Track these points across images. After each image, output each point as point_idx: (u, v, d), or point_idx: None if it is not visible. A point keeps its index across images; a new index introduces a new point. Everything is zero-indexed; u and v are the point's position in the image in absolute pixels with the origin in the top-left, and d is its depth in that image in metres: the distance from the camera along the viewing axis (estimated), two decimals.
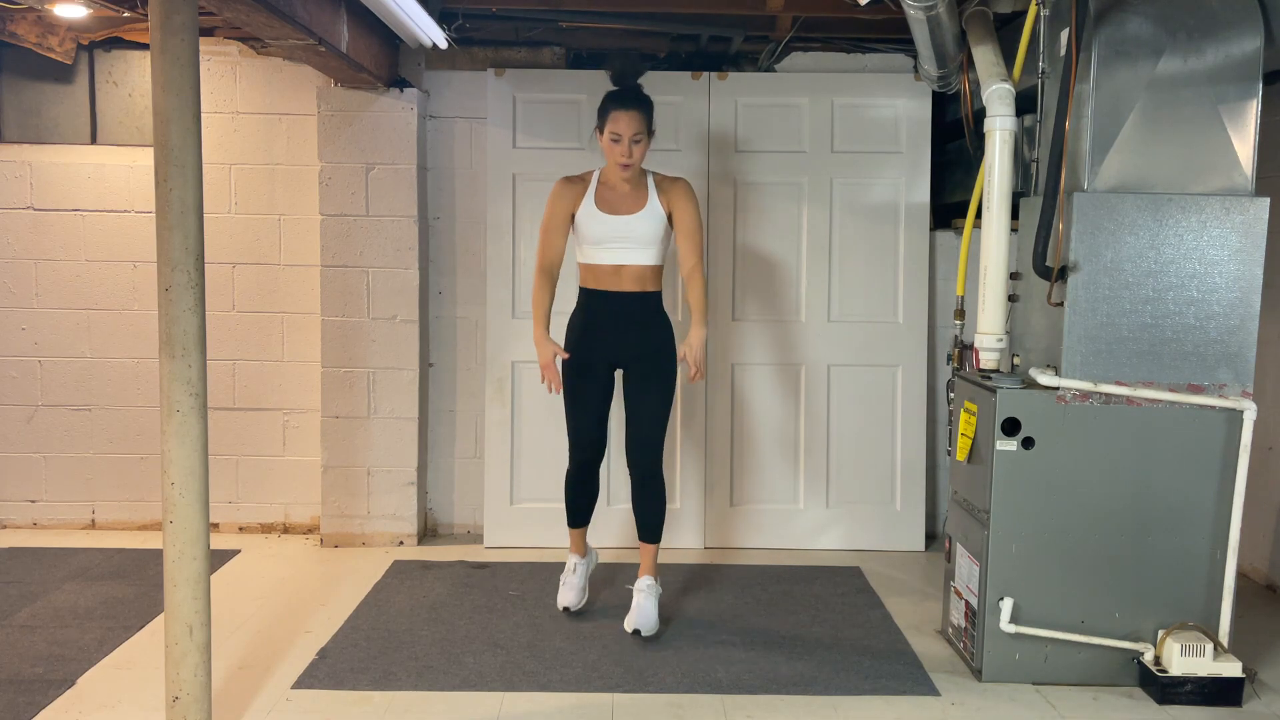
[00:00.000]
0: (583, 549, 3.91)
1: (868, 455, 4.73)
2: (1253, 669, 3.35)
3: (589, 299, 3.71)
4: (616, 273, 3.66)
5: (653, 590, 3.68)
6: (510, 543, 4.67)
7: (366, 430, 4.64)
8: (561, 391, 3.70)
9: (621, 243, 3.63)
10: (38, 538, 4.71)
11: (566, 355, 3.65)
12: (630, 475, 3.76)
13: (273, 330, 4.78)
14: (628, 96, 3.58)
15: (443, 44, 4.30)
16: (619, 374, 3.76)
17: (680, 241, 3.67)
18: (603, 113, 3.60)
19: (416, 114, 4.54)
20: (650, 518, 3.75)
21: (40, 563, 4.34)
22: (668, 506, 3.86)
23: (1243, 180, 3.20)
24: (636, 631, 3.56)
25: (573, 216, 3.66)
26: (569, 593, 3.81)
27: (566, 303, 3.79)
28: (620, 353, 3.69)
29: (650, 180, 3.69)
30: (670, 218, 3.66)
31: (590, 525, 3.94)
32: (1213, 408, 3.21)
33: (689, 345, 3.58)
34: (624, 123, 3.53)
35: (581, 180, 3.70)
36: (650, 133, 3.62)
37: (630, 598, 3.73)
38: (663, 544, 3.92)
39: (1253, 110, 3.17)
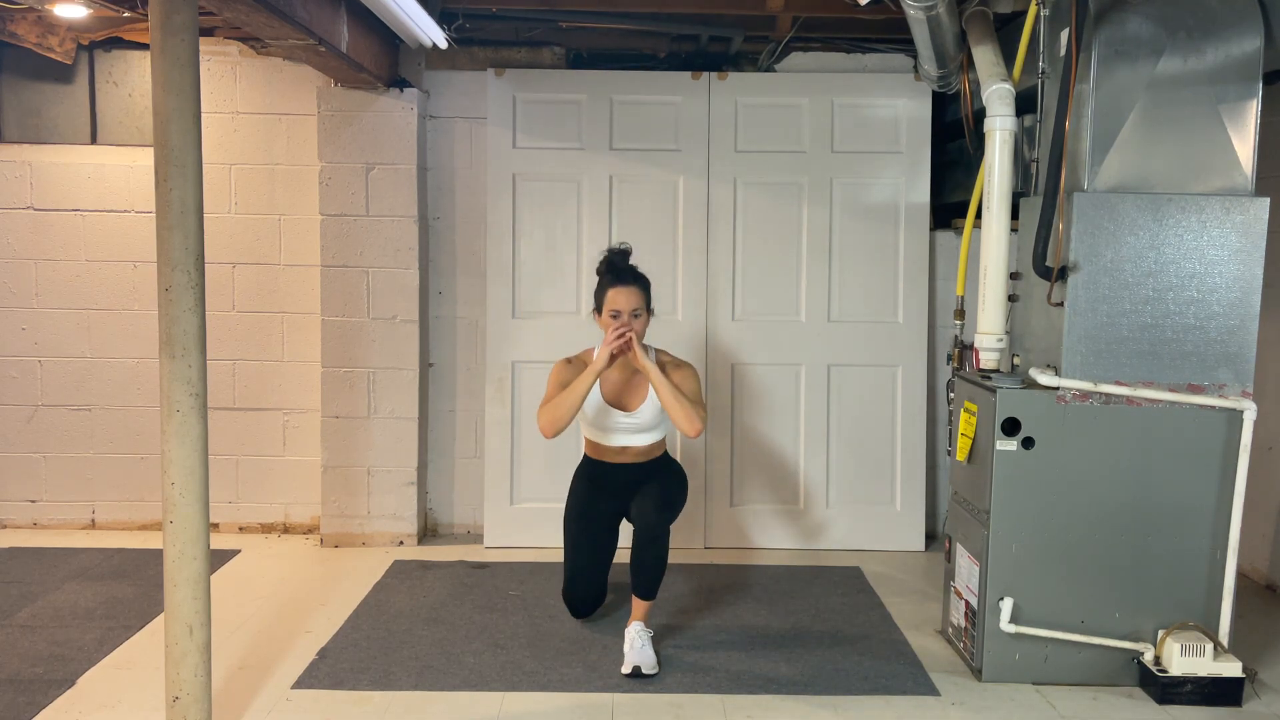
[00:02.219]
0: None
1: (868, 455, 4.73)
2: (1253, 669, 3.35)
3: (594, 468, 3.75)
4: (621, 451, 3.69)
5: (645, 633, 3.45)
6: (510, 543, 4.67)
7: (366, 430, 4.64)
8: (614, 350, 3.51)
9: (625, 432, 3.66)
10: (38, 538, 4.71)
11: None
12: (634, 533, 3.52)
13: (273, 330, 4.78)
14: (624, 274, 3.56)
15: (443, 44, 4.30)
16: (624, 519, 3.76)
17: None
18: (600, 293, 3.57)
19: (416, 114, 4.54)
20: (650, 577, 3.50)
21: (40, 563, 4.34)
22: None
23: (1243, 180, 3.20)
24: (636, 669, 3.32)
25: None
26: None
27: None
28: (627, 504, 3.69)
29: (653, 359, 3.59)
30: None
31: None
32: (1213, 408, 3.21)
33: (642, 357, 3.49)
34: (623, 299, 3.51)
35: (581, 360, 3.64)
36: (650, 310, 3.59)
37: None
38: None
39: (1253, 110, 3.17)
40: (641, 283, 3.58)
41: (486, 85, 4.62)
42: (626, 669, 3.33)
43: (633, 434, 3.67)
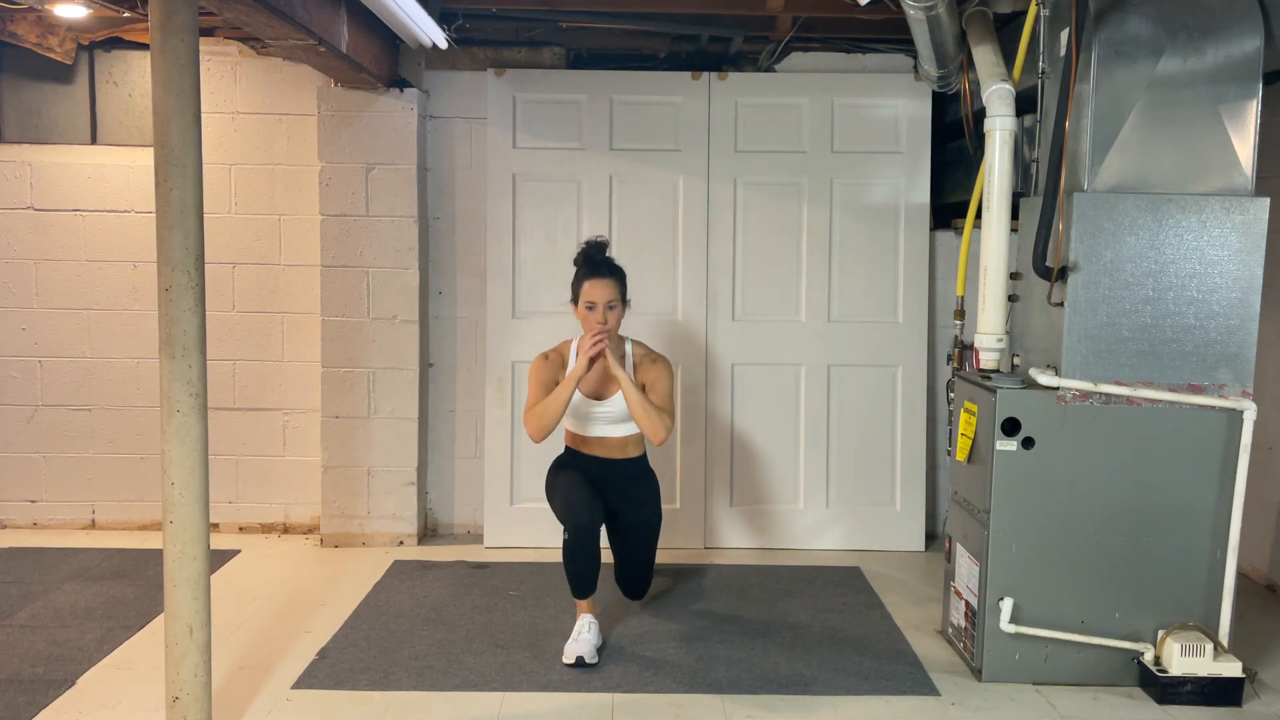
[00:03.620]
0: (593, 610, 3.58)
1: (868, 455, 4.73)
2: (1253, 669, 3.35)
3: (574, 457, 3.81)
4: (601, 442, 3.75)
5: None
6: (510, 543, 4.67)
7: (366, 430, 4.64)
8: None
9: (602, 421, 3.72)
10: (38, 538, 4.71)
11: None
12: (618, 559, 3.84)
13: (273, 330, 4.78)
14: (600, 266, 3.63)
15: (443, 44, 4.30)
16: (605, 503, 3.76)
17: (650, 397, 3.65)
18: (576, 285, 3.65)
19: (416, 114, 4.54)
20: (638, 590, 3.86)
21: (40, 563, 4.34)
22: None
23: (1243, 180, 3.20)
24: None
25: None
26: (581, 646, 3.44)
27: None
28: (609, 497, 3.72)
29: (630, 354, 3.73)
30: (644, 388, 3.66)
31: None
32: (1213, 408, 3.21)
33: (614, 363, 3.56)
34: (598, 291, 3.57)
35: (557, 354, 3.74)
36: (625, 302, 3.65)
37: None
38: (663, 544, 3.93)
39: (1253, 110, 3.17)
40: (617, 274, 3.64)
41: (486, 85, 4.62)
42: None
43: (608, 424, 3.72)
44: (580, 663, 3.36)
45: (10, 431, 4.82)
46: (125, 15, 4.13)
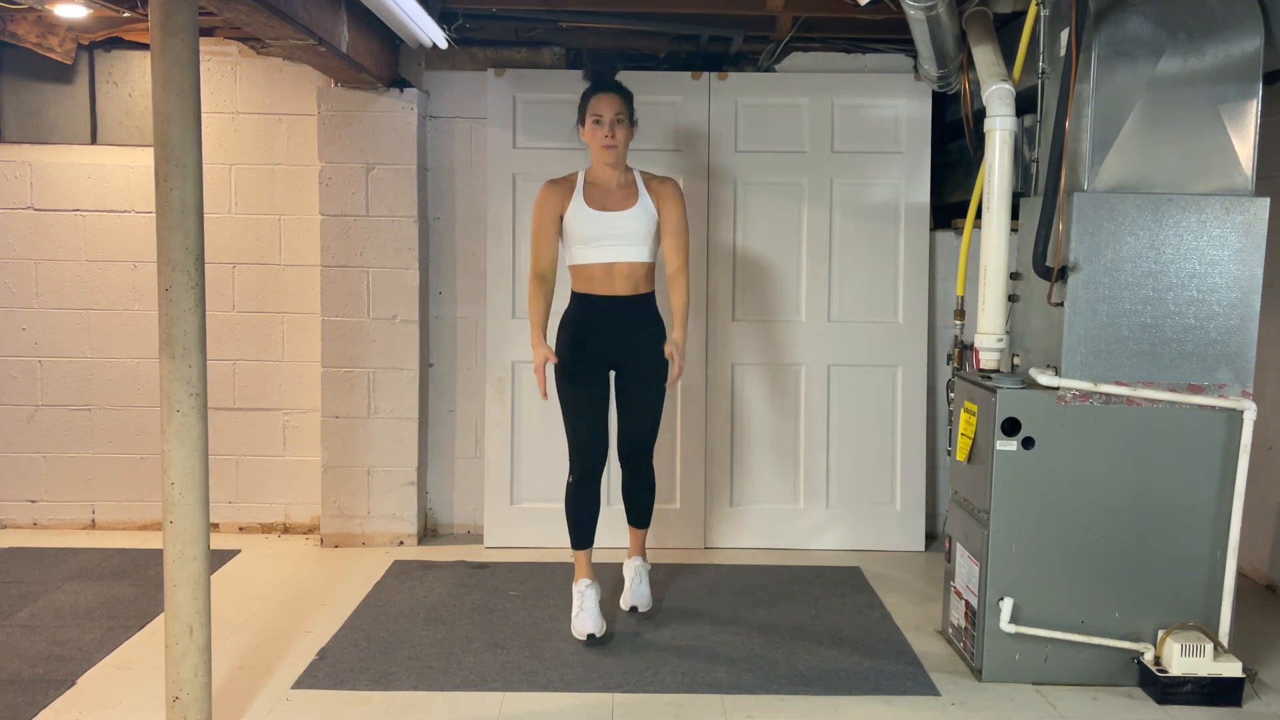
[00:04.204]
0: (590, 572, 3.71)
1: (868, 455, 4.73)
2: (1253, 669, 3.35)
3: (581, 303, 3.68)
4: (608, 272, 3.61)
5: (644, 569, 3.80)
6: (510, 543, 4.67)
7: (366, 430, 4.64)
8: (550, 397, 3.68)
9: (613, 240, 3.60)
10: (38, 538, 4.71)
11: (555, 360, 3.57)
12: (622, 468, 3.84)
13: (273, 330, 4.78)
14: (606, 82, 3.66)
15: (443, 44, 4.30)
16: (613, 374, 3.73)
17: (666, 240, 3.66)
18: (582, 103, 3.66)
19: (416, 114, 4.55)
20: (642, 505, 3.84)
21: (40, 563, 4.34)
22: (667, 507, 3.87)
23: (1243, 180, 3.20)
24: (634, 609, 3.62)
25: (561, 218, 3.63)
26: (587, 619, 3.55)
27: (560, 301, 3.77)
28: (614, 354, 3.67)
29: (639, 178, 3.70)
30: (659, 221, 3.66)
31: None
32: (1213, 408, 3.21)
33: (674, 345, 3.55)
34: (604, 104, 3.58)
35: (567, 181, 3.69)
36: (632, 121, 3.65)
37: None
38: (663, 544, 3.94)
39: (1253, 110, 3.17)
40: (624, 93, 3.65)
41: (486, 85, 4.62)
42: (625, 605, 3.58)
43: (622, 245, 3.60)
44: (592, 640, 3.41)
45: (10, 431, 4.82)
46: (125, 15, 4.13)
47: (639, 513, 3.85)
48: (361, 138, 4.53)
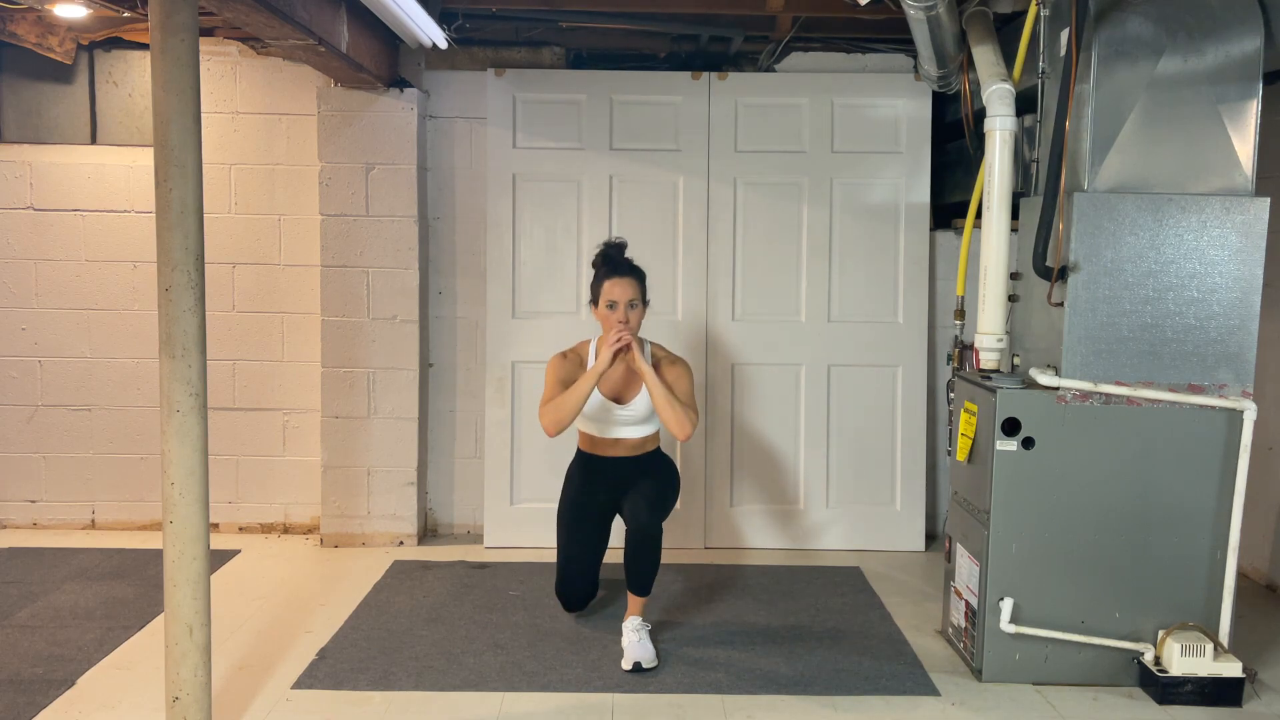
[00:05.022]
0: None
1: (868, 455, 4.73)
2: (1253, 669, 3.35)
3: (588, 461, 3.77)
4: (615, 444, 3.72)
5: (643, 627, 3.49)
6: (510, 543, 4.67)
7: (366, 430, 4.64)
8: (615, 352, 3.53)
9: (620, 423, 3.68)
10: (38, 538, 4.71)
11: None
12: (627, 532, 3.54)
13: (273, 330, 4.78)
14: (620, 265, 3.60)
15: (443, 44, 4.30)
16: (616, 509, 3.76)
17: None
18: (596, 285, 3.61)
19: (416, 114, 4.54)
20: (643, 574, 3.52)
21: (40, 563, 4.34)
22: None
23: (1243, 180, 3.20)
24: (637, 665, 3.34)
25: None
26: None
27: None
28: (619, 495, 3.70)
29: (648, 354, 3.64)
30: None
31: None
32: (1213, 408, 3.21)
33: (640, 364, 3.51)
34: (618, 290, 3.55)
35: (576, 354, 3.69)
36: (645, 301, 3.63)
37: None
38: (663, 544, 3.91)
39: (1253, 110, 3.17)
40: (637, 274, 3.62)
41: (486, 85, 4.62)
42: (627, 665, 3.35)
43: (628, 426, 3.69)
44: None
45: (10, 431, 4.82)
46: (125, 15, 4.12)
47: (640, 583, 3.53)
48: (361, 138, 4.53)
